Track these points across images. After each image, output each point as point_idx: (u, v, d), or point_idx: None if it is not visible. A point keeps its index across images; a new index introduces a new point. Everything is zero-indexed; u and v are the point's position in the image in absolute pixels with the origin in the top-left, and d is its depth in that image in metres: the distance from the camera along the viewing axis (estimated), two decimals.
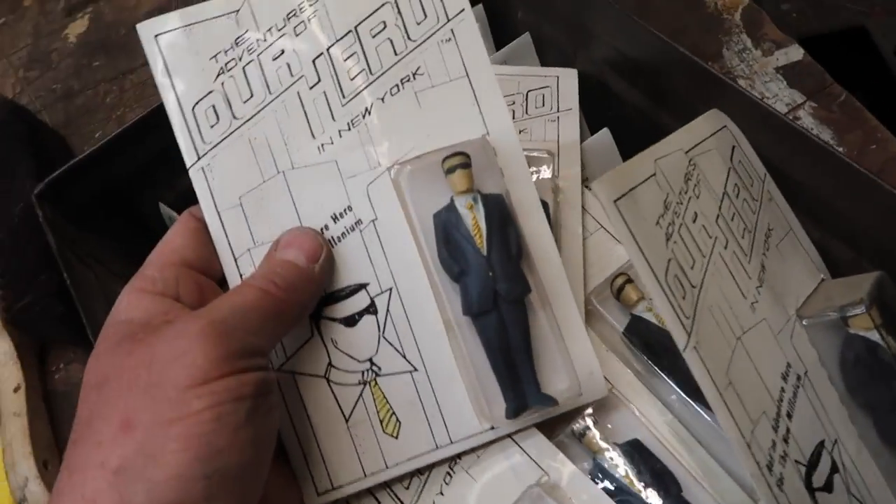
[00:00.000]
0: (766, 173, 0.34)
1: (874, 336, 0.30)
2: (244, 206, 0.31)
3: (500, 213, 0.30)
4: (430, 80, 0.31)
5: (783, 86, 0.57)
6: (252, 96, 0.31)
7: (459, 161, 0.29)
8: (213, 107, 0.31)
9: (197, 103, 0.31)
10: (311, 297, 0.29)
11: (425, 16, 0.31)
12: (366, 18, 0.31)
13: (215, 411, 0.23)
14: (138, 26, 0.31)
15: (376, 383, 0.31)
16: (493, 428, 0.30)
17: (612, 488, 0.30)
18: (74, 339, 0.57)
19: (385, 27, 0.31)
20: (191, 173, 0.31)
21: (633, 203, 0.26)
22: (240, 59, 0.31)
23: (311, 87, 0.31)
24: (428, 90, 0.31)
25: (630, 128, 0.42)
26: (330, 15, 0.31)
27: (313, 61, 0.31)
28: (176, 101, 0.31)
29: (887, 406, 0.31)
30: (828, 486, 0.28)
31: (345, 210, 0.31)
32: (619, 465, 0.31)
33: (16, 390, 0.52)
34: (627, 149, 0.41)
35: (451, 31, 0.31)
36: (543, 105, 0.42)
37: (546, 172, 0.37)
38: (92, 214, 0.43)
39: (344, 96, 0.31)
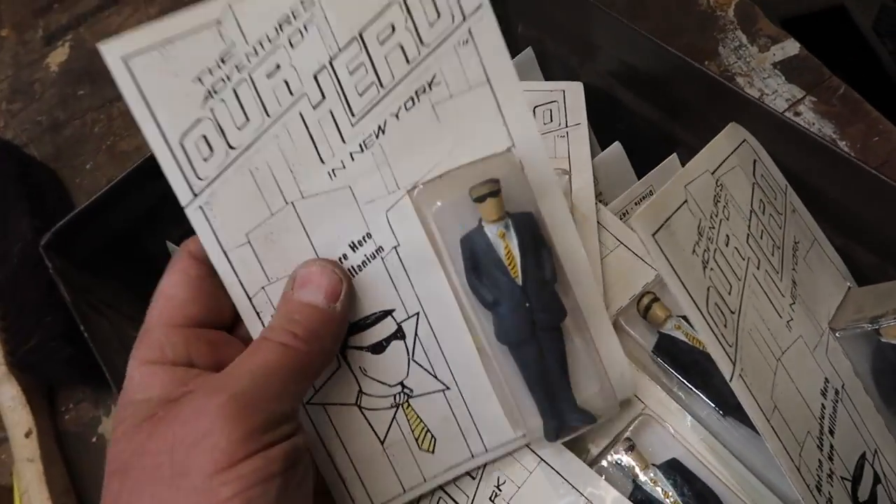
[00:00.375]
0: (787, 185, 0.34)
1: None
2: (253, 244, 0.28)
3: (532, 236, 0.28)
4: (447, 90, 0.28)
5: (782, 81, 0.57)
6: (248, 121, 0.28)
7: (489, 189, 0.27)
8: (205, 137, 0.27)
9: (185, 135, 0.27)
10: (334, 340, 0.27)
11: (439, 15, 0.28)
12: (371, 22, 0.28)
13: (244, 497, 0.22)
14: (101, 47, 0.26)
15: (409, 405, 0.31)
16: (524, 435, 0.31)
17: None
18: (83, 380, 0.56)
19: (394, 31, 0.28)
20: (188, 213, 0.27)
21: (669, 235, 0.26)
22: (229, 79, 0.27)
23: (314, 107, 0.28)
24: (446, 101, 0.28)
25: (641, 140, 0.42)
26: (329, 21, 0.27)
27: (315, 76, 0.28)
28: (159, 134, 0.27)
29: None
30: (872, 499, 0.28)
31: (364, 238, 0.29)
32: (660, 488, 0.31)
33: (27, 435, 0.52)
34: (640, 161, 0.41)
35: (469, 30, 0.28)
36: (551, 121, 0.42)
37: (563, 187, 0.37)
38: (100, 260, 0.42)
39: (353, 114, 0.28)
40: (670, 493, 0.31)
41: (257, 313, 0.29)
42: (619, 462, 0.32)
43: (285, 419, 0.24)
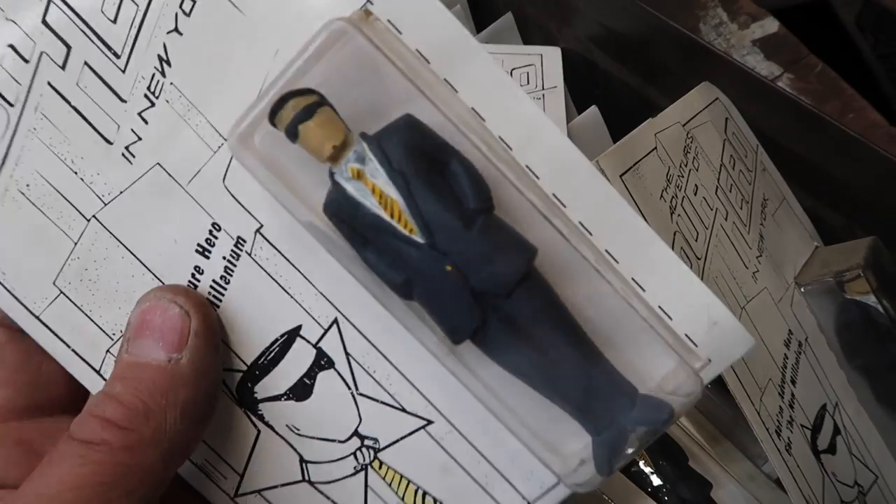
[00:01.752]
0: (759, 144, 0.34)
1: (870, 300, 0.30)
2: (67, 293, 0.20)
3: (412, 153, 0.16)
4: None
5: (761, 58, 0.58)
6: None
7: (299, 107, 0.16)
8: None
9: None
10: (194, 406, 0.18)
11: None
12: None
13: None
14: None
15: (380, 462, 0.21)
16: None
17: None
18: None
19: None
20: None
21: (637, 178, 0.26)
22: None
23: (62, 66, 0.19)
24: None
25: (619, 105, 0.42)
26: None
27: (44, 22, 0.19)
28: None
29: (883, 368, 0.31)
30: (831, 448, 0.29)
31: (211, 231, 0.20)
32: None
33: None
34: (617, 127, 0.41)
35: None
36: (528, 83, 0.42)
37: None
38: None
39: (117, 55, 0.19)
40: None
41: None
42: None
43: None
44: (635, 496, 0.29)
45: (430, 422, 0.20)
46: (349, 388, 0.20)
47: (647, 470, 0.30)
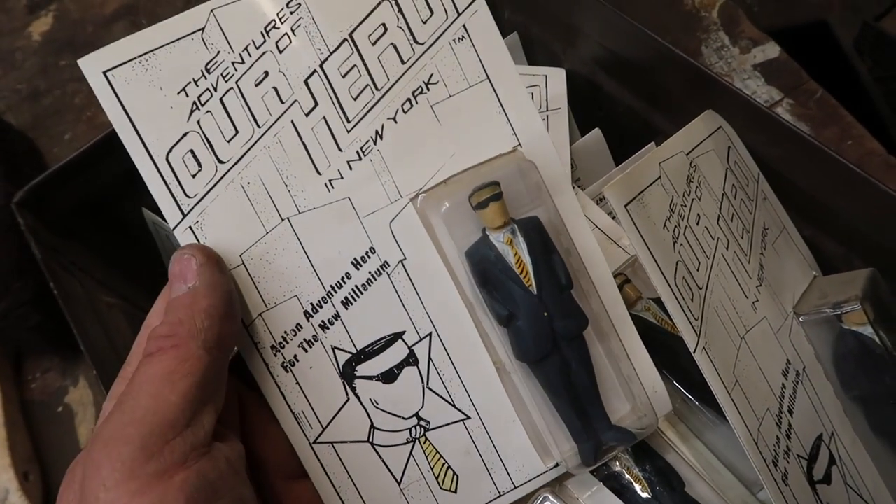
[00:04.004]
0: (760, 173, 0.35)
1: (867, 331, 0.31)
2: (248, 266, 0.27)
3: (541, 240, 0.27)
4: (446, 90, 0.27)
5: (761, 83, 0.59)
6: (237, 133, 0.26)
7: (490, 193, 0.26)
8: (192, 152, 0.26)
9: (171, 150, 0.26)
10: (209, 319, 0.24)
11: (431, 12, 0.27)
12: (361, 23, 0.27)
13: None
14: (80, 63, 0.25)
15: (426, 439, 0.28)
16: (557, 465, 0.28)
17: (618, 487, 0.31)
18: (51, 348, 0.55)
19: (386, 31, 0.27)
20: (177, 234, 0.26)
21: (641, 207, 0.27)
22: (215, 89, 0.26)
23: (307, 114, 0.27)
24: (445, 101, 0.27)
25: (622, 128, 0.42)
26: (318, 23, 0.26)
27: (305, 82, 0.27)
28: (144, 150, 0.26)
29: (878, 399, 0.32)
30: (827, 479, 0.29)
31: (367, 253, 0.27)
32: (623, 464, 0.31)
33: None
34: (620, 149, 0.42)
35: (464, 27, 0.27)
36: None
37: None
38: (72, 222, 0.42)
39: (348, 120, 0.27)
40: (634, 471, 0.31)
41: (254, 343, 0.27)
42: None
43: (174, 436, 0.21)
44: None
45: (468, 417, 0.28)
46: (422, 382, 0.28)
47: (645, 496, 0.30)
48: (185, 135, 0.26)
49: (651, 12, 0.63)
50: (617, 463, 0.31)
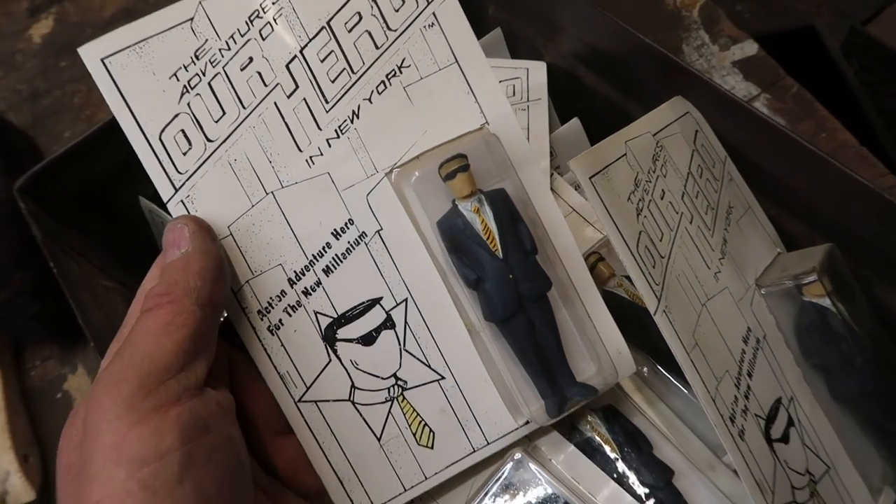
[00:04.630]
0: (727, 156, 0.37)
1: (825, 302, 0.32)
2: (235, 236, 0.29)
3: (507, 210, 0.29)
4: (418, 72, 0.29)
5: (739, 79, 0.60)
6: (224, 114, 0.28)
7: (458, 165, 0.28)
8: (183, 131, 0.28)
9: (163, 130, 0.28)
10: (201, 279, 0.26)
11: (403, 1, 0.29)
12: (338, 11, 0.29)
13: (139, 478, 0.20)
14: (80, 51, 0.27)
15: (404, 398, 0.30)
16: (527, 423, 0.30)
17: (589, 449, 0.32)
18: (49, 337, 0.57)
19: (361, 19, 0.29)
20: (169, 207, 0.28)
21: (606, 180, 0.28)
22: (204, 74, 0.28)
23: (289, 96, 0.29)
24: (417, 83, 0.29)
25: (600, 118, 0.44)
26: (297, 12, 0.29)
27: (287, 66, 0.29)
28: (139, 130, 0.28)
29: (838, 367, 0.33)
30: (784, 438, 0.31)
31: (346, 224, 0.29)
32: (595, 428, 0.33)
33: None
34: (598, 138, 0.43)
35: (434, 14, 0.29)
36: (513, 95, 0.44)
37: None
38: (72, 209, 0.43)
39: (327, 101, 0.29)
40: (604, 434, 0.33)
41: (242, 308, 0.29)
42: None
43: (168, 377, 0.23)
44: (602, 482, 0.31)
45: (443, 377, 0.30)
46: (399, 345, 0.30)
47: (613, 456, 0.32)
48: (176, 116, 0.28)
49: (634, 12, 0.65)
50: (588, 427, 0.33)
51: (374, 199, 0.29)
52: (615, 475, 0.31)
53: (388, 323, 0.30)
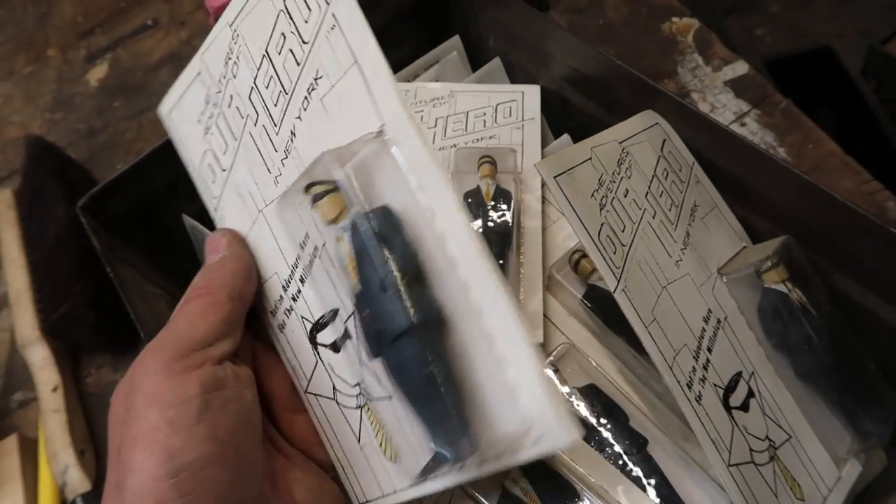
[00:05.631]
0: (695, 161, 0.41)
1: (782, 288, 0.36)
2: (251, 246, 0.33)
3: (380, 232, 0.25)
4: (329, 81, 0.28)
5: (731, 97, 0.65)
6: (227, 146, 0.33)
7: (323, 189, 0.27)
8: (209, 165, 0.34)
9: (200, 163, 0.34)
10: (234, 275, 0.31)
11: (309, 9, 0.28)
12: (270, 37, 0.30)
13: (165, 416, 0.26)
14: (159, 108, 0.36)
15: (369, 408, 0.30)
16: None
17: None
18: (104, 346, 0.63)
19: (285, 39, 0.29)
20: (214, 224, 0.35)
21: (571, 179, 0.33)
22: (212, 116, 0.33)
23: (255, 124, 0.31)
24: (329, 93, 0.28)
25: (587, 133, 0.48)
26: (248, 46, 0.31)
27: (250, 98, 0.31)
28: (190, 164, 0.35)
29: (801, 346, 0.37)
30: (744, 407, 0.34)
31: (304, 238, 0.30)
32: (575, 403, 0.37)
33: (54, 390, 0.59)
34: None
35: (333, 15, 0.27)
36: (510, 115, 0.49)
37: (510, 165, 0.44)
38: (125, 224, 0.49)
39: (275, 124, 0.30)
40: (584, 408, 0.37)
41: (263, 307, 0.33)
42: None
43: (198, 348, 0.28)
44: (582, 448, 0.35)
45: (390, 397, 0.28)
46: (357, 356, 0.29)
47: (593, 421, 0.36)
48: (205, 152, 0.34)
49: (631, 39, 0.70)
50: (572, 402, 0.37)
51: (316, 216, 0.29)
52: (592, 443, 0.35)
53: (347, 334, 0.29)
